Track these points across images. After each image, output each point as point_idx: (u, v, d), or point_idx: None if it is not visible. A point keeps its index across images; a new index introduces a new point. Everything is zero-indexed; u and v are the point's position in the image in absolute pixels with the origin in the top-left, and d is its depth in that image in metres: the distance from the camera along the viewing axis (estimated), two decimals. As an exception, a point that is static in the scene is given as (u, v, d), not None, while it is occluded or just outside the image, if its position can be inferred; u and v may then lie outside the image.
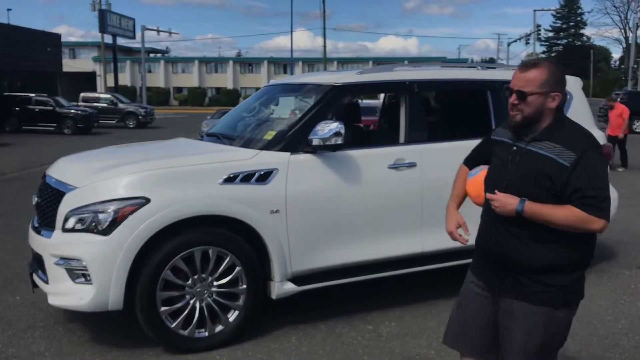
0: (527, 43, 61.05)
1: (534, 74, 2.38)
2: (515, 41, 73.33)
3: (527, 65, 2.43)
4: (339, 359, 3.91)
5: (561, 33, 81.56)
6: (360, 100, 9.88)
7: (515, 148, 2.46)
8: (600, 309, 4.77)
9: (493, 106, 5.08)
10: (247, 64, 71.77)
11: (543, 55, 79.45)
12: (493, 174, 2.54)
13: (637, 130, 24.05)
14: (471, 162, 2.80)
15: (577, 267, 2.43)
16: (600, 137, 5.69)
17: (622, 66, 75.94)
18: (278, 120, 5.22)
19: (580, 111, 5.58)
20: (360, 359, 3.91)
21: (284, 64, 65.99)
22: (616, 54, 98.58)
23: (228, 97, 61.15)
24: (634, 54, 45.31)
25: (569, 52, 77.22)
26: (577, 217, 2.30)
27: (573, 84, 5.68)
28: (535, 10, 73.66)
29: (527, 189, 2.35)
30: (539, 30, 62.05)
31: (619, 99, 17.97)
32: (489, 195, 2.44)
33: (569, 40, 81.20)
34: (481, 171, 2.64)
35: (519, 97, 2.39)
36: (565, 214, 2.30)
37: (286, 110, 5.82)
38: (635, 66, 49.08)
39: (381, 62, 58.09)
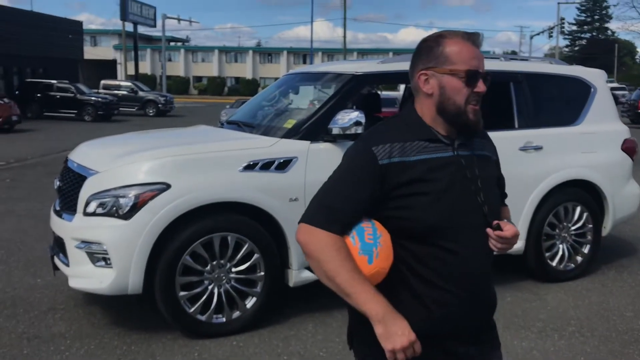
0: (551, 36, 60.50)
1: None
2: (538, 34, 72.68)
3: (474, 36, 1.71)
4: (355, 348, 3.91)
5: (585, 27, 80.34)
6: (380, 92, 9.85)
7: (457, 157, 1.70)
8: (620, 305, 4.71)
9: (516, 98, 5.03)
10: (267, 53, 71.75)
11: (566, 50, 78.42)
12: (451, 205, 1.64)
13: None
14: (345, 225, 1.66)
15: None
16: (625, 131, 5.60)
17: (647, 61, 74.65)
18: (298, 109, 5.21)
19: (604, 105, 5.51)
20: (376, 349, 3.90)
21: (304, 54, 65.85)
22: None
23: (247, 87, 61.27)
24: (660, 49, 44.45)
25: (592, 45, 76.07)
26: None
27: (597, 77, 5.59)
28: (559, 3, 71.93)
29: (497, 205, 1.80)
30: (563, 23, 61.18)
31: None
32: (497, 233, 1.66)
33: (593, 34, 79.94)
34: (382, 233, 1.67)
35: (488, 82, 1.76)
36: None
37: (306, 99, 5.81)
38: (661, 61, 48.18)
39: (401, 53, 57.64)
